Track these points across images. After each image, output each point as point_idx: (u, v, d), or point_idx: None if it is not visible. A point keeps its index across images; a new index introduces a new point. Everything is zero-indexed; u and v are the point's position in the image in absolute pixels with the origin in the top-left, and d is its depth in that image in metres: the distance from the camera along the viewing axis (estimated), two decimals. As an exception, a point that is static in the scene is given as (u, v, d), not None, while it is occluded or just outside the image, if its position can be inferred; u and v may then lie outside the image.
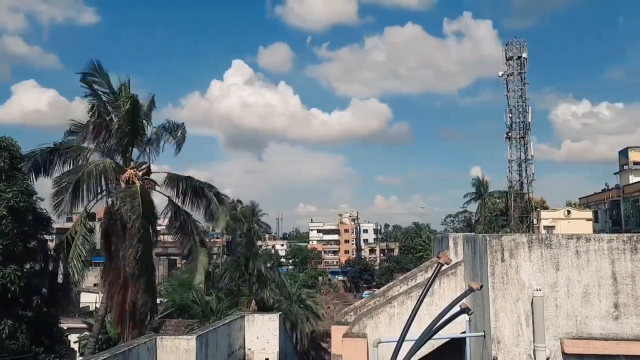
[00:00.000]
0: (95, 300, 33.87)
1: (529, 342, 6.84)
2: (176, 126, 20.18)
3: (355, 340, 9.67)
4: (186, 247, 19.53)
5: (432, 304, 9.24)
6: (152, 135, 19.79)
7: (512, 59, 54.99)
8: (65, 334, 19.01)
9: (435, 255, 11.76)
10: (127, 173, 17.79)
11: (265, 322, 16.63)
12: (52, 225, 18.11)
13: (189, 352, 12.43)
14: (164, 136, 19.85)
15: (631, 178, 47.03)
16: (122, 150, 18.54)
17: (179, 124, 20.32)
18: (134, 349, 11.42)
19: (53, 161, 18.22)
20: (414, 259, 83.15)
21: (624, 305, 6.76)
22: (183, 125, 20.29)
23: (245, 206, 66.99)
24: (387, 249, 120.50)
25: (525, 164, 54.40)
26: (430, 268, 11.44)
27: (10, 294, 14.52)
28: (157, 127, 20.02)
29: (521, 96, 54.58)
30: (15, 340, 14.64)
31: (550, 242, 6.99)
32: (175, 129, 20.06)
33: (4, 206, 14.80)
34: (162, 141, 19.77)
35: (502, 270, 6.99)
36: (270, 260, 55.20)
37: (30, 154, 17.70)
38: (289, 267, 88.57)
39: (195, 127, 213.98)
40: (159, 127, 19.99)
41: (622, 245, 6.84)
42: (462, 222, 78.49)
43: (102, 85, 18.66)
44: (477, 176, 70.31)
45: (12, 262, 14.75)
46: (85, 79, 18.18)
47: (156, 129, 19.89)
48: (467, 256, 9.71)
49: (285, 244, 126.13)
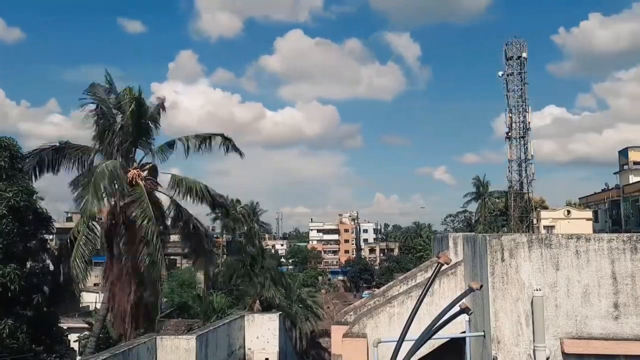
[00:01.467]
0: (95, 300, 33.85)
1: (529, 342, 6.85)
2: (209, 136, 20.15)
3: (355, 340, 9.67)
4: (189, 247, 19.54)
5: (432, 303, 9.24)
6: (173, 140, 19.90)
7: (512, 59, 55.00)
8: (65, 334, 19.00)
9: (435, 255, 11.77)
10: (130, 173, 17.83)
11: (265, 322, 16.64)
12: (53, 225, 18.14)
13: (189, 352, 12.44)
14: (194, 145, 19.79)
15: (631, 178, 47.04)
16: (126, 151, 18.59)
17: (214, 134, 20.30)
18: (133, 349, 11.43)
19: (58, 159, 18.38)
20: (414, 258, 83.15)
21: (623, 305, 6.76)
22: (223, 135, 20.25)
23: (245, 205, 67.03)
24: (387, 248, 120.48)
25: (525, 164, 54.48)
26: (430, 268, 11.45)
27: (11, 293, 14.53)
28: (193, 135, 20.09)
29: (521, 96, 54.60)
30: (15, 340, 14.64)
31: (550, 242, 6.99)
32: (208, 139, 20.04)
33: (4, 205, 14.81)
34: (183, 145, 19.74)
35: (502, 270, 7.00)
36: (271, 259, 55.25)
37: (34, 152, 17.92)
38: (289, 267, 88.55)
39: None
40: (194, 135, 20.03)
41: (622, 245, 6.84)
42: (462, 222, 78.53)
43: (107, 90, 18.98)
44: (478, 176, 70.42)
45: (12, 261, 14.76)
46: (92, 88, 18.57)
47: (188, 137, 19.95)
48: (467, 256, 9.71)
49: (285, 244, 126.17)
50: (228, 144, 20.18)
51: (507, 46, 55.50)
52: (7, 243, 14.74)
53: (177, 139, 19.89)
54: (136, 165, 18.75)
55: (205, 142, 19.92)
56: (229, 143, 20.21)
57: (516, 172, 54.77)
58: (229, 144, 20.19)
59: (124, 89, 19.07)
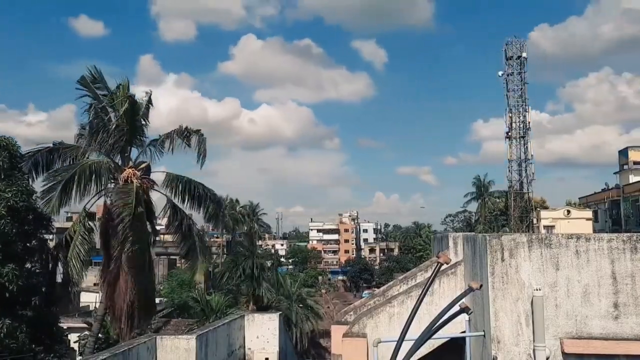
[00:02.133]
0: (95, 300, 33.85)
1: (529, 341, 6.84)
2: (189, 132, 19.68)
3: (355, 340, 9.67)
4: (185, 247, 19.51)
5: (431, 303, 9.24)
6: (159, 137, 19.69)
7: (512, 59, 54.99)
8: (65, 334, 18.95)
9: (435, 255, 11.76)
10: (125, 172, 17.78)
11: (265, 322, 16.62)
12: (52, 225, 18.11)
13: (188, 352, 12.42)
14: (175, 140, 19.55)
15: (631, 178, 47.03)
16: (120, 150, 18.50)
17: (193, 130, 19.81)
18: (133, 349, 11.41)
19: (53, 160, 18.27)
20: (414, 258, 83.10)
21: (623, 305, 6.75)
22: (199, 132, 19.74)
23: (244, 206, 67.01)
24: (387, 248, 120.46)
25: (525, 164, 54.49)
26: (430, 268, 11.44)
27: (9, 293, 14.50)
28: (171, 131, 19.71)
29: (521, 96, 54.60)
30: (14, 340, 14.62)
31: (550, 241, 6.99)
32: (188, 135, 19.61)
33: (4, 205, 14.77)
34: (168, 143, 19.48)
35: (502, 270, 6.99)
36: (270, 258, 55.21)
37: (29, 154, 17.76)
38: (289, 267, 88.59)
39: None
40: (172, 132, 19.66)
41: (622, 244, 6.84)
42: (462, 222, 78.52)
43: (100, 87, 18.70)
44: (479, 175, 70.42)
45: (11, 261, 14.73)
46: (83, 81, 18.19)
47: (168, 133, 19.65)
48: (467, 256, 9.71)
49: (285, 244, 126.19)
50: (202, 141, 19.68)
51: (507, 46, 55.52)
52: (6, 243, 14.72)
53: (165, 136, 19.67)
54: (132, 164, 18.69)
55: (186, 137, 19.57)
56: (202, 141, 19.69)
57: (516, 171, 54.84)
58: (202, 142, 19.68)
59: (118, 85, 18.79)
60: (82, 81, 18.25)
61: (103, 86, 18.81)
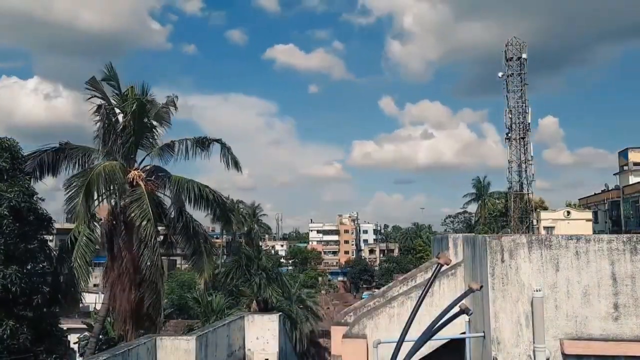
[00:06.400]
0: (95, 301, 33.85)
1: (529, 342, 6.86)
2: (209, 140, 19.65)
3: (355, 340, 9.67)
4: (190, 248, 19.47)
5: (431, 304, 9.24)
6: (171, 142, 19.69)
7: (512, 60, 55.02)
8: (65, 335, 18.98)
9: (435, 256, 11.76)
10: (131, 174, 17.77)
11: (265, 323, 16.61)
12: (53, 226, 18.11)
13: (188, 353, 12.43)
14: (194, 148, 19.49)
15: (631, 179, 47.06)
16: (127, 151, 18.48)
17: (214, 139, 19.78)
18: (133, 349, 11.42)
19: (59, 160, 18.23)
20: (414, 259, 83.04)
21: (623, 306, 6.77)
22: (220, 141, 19.71)
23: (246, 206, 66.98)
24: (387, 249, 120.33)
25: (525, 165, 54.48)
26: (430, 269, 11.44)
27: (11, 294, 14.52)
28: (191, 138, 19.72)
29: (521, 97, 54.62)
30: (16, 341, 14.64)
31: (550, 242, 7.01)
32: (208, 144, 19.60)
33: (6, 206, 14.80)
34: (183, 149, 19.47)
35: (502, 271, 7.01)
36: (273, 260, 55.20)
37: (35, 154, 17.76)
38: (289, 268, 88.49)
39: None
40: (192, 139, 19.66)
41: (622, 246, 6.85)
42: (461, 223, 78.52)
43: (113, 87, 18.66)
44: (478, 176, 70.48)
45: (13, 262, 14.75)
46: (92, 81, 18.19)
47: (181, 139, 19.66)
48: (467, 257, 9.72)
49: (285, 245, 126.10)
50: (226, 151, 19.79)
51: (507, 47, 55.54)
52: (8, 244, 14.73)
53: (177, 141, 19.74)
54: (137, 166, 18.69)
55: (203, 146, 19.66)
56: (227, 151, 19.74)
57: (516, 172, 54.86)
58: (226, 152, 19.73)
59: (128, 88, 18.73)
60: (92, 81, 18.18)
61: (116, 84, 18.68)
